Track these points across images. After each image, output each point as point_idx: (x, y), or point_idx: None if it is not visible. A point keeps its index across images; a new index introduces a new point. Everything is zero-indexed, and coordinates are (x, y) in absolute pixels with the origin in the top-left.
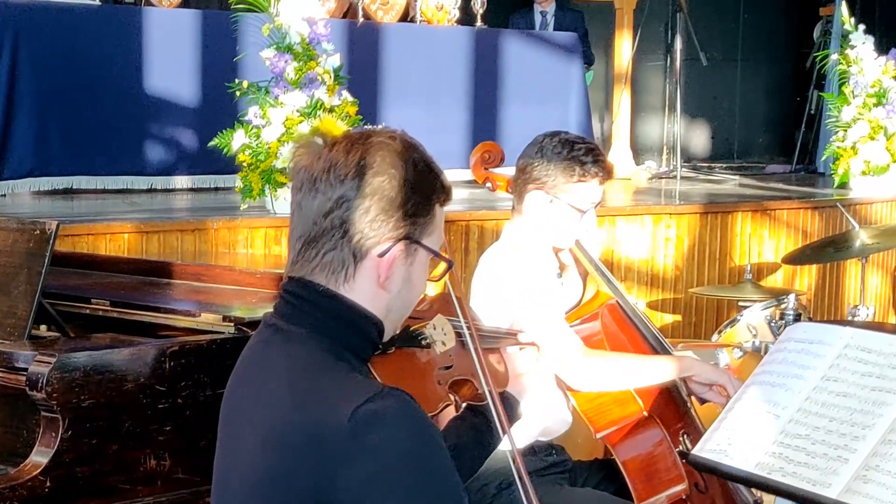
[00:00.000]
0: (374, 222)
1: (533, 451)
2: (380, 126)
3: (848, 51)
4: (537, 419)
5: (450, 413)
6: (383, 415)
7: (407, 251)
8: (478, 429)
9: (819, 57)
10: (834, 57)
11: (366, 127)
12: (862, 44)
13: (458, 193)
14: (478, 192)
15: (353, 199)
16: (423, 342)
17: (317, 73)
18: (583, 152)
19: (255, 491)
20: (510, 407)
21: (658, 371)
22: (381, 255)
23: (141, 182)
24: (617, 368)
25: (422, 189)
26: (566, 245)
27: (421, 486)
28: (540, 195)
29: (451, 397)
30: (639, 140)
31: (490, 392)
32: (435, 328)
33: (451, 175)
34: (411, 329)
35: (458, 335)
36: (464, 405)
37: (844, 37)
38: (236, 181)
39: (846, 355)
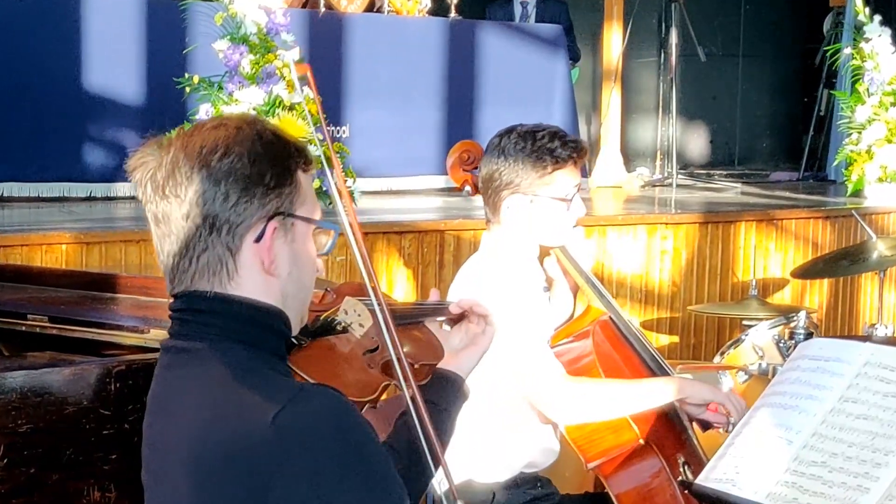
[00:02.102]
0: (237, 207)
1: (516, 484)
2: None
3: (862, 44)
4: (521, 450)
5: (395, 394)
6: (307, 414)
7: (283, 227)
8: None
9: (830, 52)
10: (847, 51)
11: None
12: (878, 36)
13: (431, 202)
14: (453, 199)
15: (206, 191)
16: (339, 327)
17: (275, 66)
18: (547, 139)
19: None
20: (452, 384)
21: (648, 397)
22: (257, 239)
23: (79, 189)
24: (603, 396)
25: (276, 158)
26: (562, 241)
27: (357, 479)
28: (517, 199)
29: (387, 379)
30: (630, 145)
31: (401, 362)
32: (346, 312)
33: (423, 182)
34: (322, 318)
35: (373, 314)
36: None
37: (858, 29)
38: None
39: (866, 374)
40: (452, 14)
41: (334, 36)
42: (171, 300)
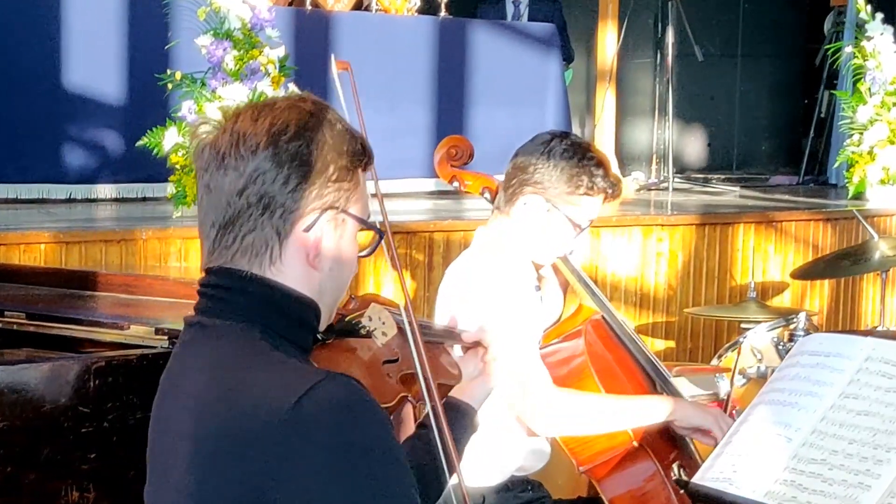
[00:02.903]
0: (295, 193)
1: (506, 488)
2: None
3: (864, 43)
4: (512, 452)
5: (409, 411)
6: (331, 404)
7: (335, 222)
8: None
9: (831, 50)
10: (848, 50)
11: None
12: (880, 35)
13: (421, 205)
14: (442, 202)
15: (268, 171)
16: (363, 331)
17: (259, 62)
18: (594, 163)
19: None
20: (464, 415)
21: (638, 416)
22: (308, 229)
23: (59, 191)
24: (589, 412)
25: (343, 151)
26: (549, 262)
27: (372, 478)
28: (537, 200)
29: (405, 391)
30: (625, 148)
31: (427, 380)
32: (371, 318)
33: (412, 185)
34: (347, 318)
35: (399, 325)
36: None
37: (860, 27)
38: (168, 189)
39: (867, 369)
40: (442, 13)
41: (320, 34)
42: (203, 275)
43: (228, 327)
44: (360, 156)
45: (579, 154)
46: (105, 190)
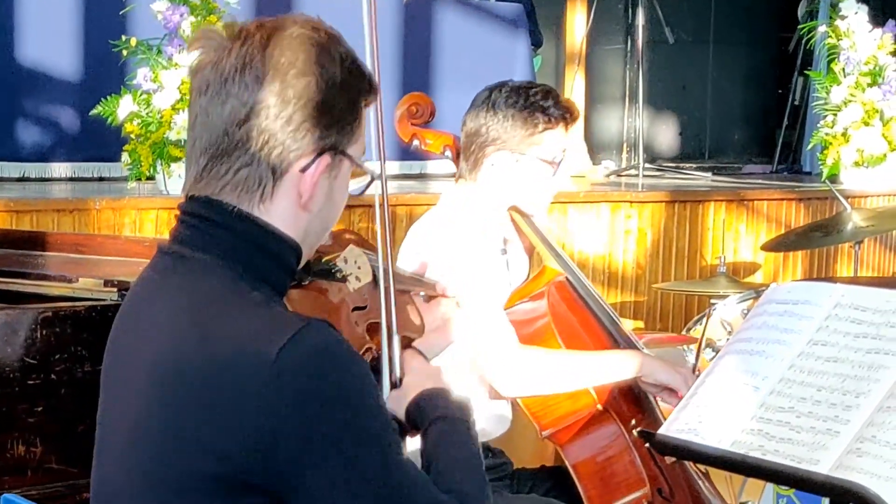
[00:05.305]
0: (297, 132)
1: None
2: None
3: (838, 22)
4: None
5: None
6: (310, 349)
7: (333, 163)
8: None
9: (805, 30)
10: (822, 29)
11: None
12: (854, 14)
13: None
14: (408, 183)
15: (273, 106)
16: (338, 275)
17: None
18: (540, 96)
19: (148, 446)
20: (445, 394)
21: (605, 371)
22: (304, 169)
23: (12, 169)
24: (556, 369)
25: (350, 89)
26: (542, 208)
27: (351, 427)
28: (504, 156)
29: (369, 342)
30: (595, 136)
31: (389, 332)
32: (347, 261)
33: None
34: (324, 259)
35: (373, 273)
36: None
37: (834, 6)
38: (124, 159)
39: (837, 315)
40: None
41: (281, 5)
42: (186, 201)
43: (209, 263)
44: (365, 93)
45: (523, 95)
46: (60, 168)
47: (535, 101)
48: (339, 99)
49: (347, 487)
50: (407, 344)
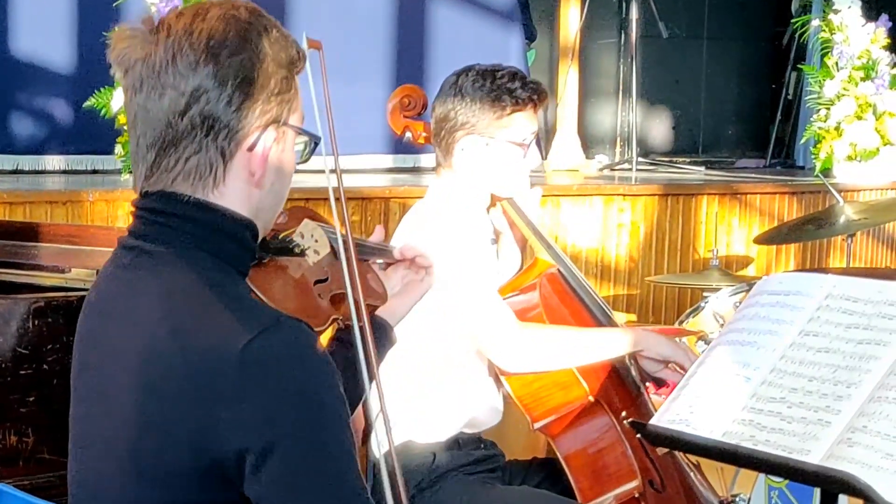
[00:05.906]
0: (239, 112)
1: (458, 445)
2: None
3: (831, 16)
4: (462, 406)
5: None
6: (279, 348)
7: (277, 135)
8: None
9: (798, 24)
10: (815, 23)
11: None
12: (847, 8)
13: (379, 180)
14: (402, 177)
15: (211, 89)
16: (297, 250)
17: None
18: (507, 79)
19: (127, 441)
20: (382, 330)
21: (606, 346)
22: (251, 147)
23: (5, 161)
24: (557, 344)
25: (283, 60)
26: (514, 191)
27: (310, 425)
28: (472, 140)
29: (336, 312)
30: (588, 130)
31: (357, 303)
32: (304, 236)
33: (370, 162)
34: (280, 236)
35: (331, 245)
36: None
37: (827, 1)
38: (117, 150)
39: (828, 306)
40: None
41: (275, 5)
42: (138, 197)
43: (175, 256)
44: (296, 62)
45: (489, 78)
46: (53, 161)
47: (501, 84)
48: (274, 72)
49: (297, 481)
50: (371, 312)
